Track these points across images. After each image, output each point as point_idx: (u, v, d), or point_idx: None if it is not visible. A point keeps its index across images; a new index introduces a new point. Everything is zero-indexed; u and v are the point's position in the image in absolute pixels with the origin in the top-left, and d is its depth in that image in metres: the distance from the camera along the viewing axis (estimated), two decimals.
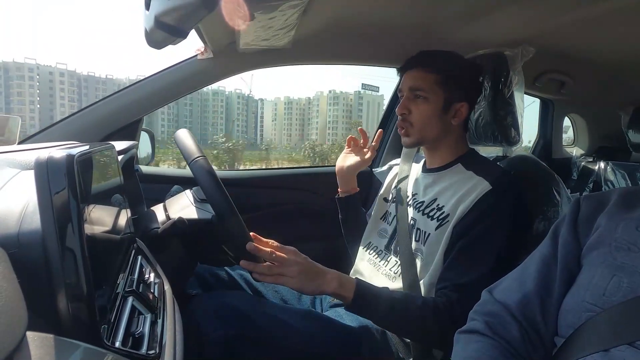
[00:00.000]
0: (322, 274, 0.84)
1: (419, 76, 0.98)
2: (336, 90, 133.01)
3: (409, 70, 1.01)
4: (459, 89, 0.98)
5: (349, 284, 0.85)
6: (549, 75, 1.61)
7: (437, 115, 0.98)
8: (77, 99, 48.73)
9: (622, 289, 0.51)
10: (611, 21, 1.08)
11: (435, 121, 0.98)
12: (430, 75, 0.97)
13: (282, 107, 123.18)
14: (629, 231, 0.55)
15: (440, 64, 0.98)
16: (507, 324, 0.59)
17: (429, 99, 0.97)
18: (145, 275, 0.70)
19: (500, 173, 0.94)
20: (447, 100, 0.97)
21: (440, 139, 1.01)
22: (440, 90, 0.97)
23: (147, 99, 1.25)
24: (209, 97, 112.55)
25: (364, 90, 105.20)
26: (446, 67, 0.98)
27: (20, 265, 0.41)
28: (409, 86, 0.99)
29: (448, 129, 1.00)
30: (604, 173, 1.84)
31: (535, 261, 0.64)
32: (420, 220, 0.98)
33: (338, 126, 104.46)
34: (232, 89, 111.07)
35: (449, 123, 0.99)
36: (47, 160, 0.45)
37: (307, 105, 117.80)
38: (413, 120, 0.99)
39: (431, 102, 0.97)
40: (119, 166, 0.78)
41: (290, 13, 0.91)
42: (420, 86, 0.97)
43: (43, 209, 0.44)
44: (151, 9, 0.61)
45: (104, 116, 1.22)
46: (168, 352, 0.54)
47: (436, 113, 0.98)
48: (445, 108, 0.98)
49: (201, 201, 0.93)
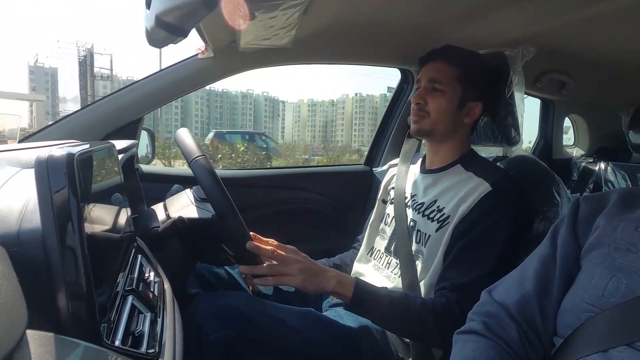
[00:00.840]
0: (322, 272, 0.85)
1: (440, 68, 0.98)
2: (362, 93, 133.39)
3: (431, 62, 1.01)
4: (477, 88, 0.99)
5: (348, 283, 0.85)
6: (549, 76, 1.61)
7: (451, 111, 0.98)
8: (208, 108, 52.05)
9: (621, 290, 0.51)
10: (612, 21, 1.08)
11: (449, 116, 0.98)
12: (452, 69, 0.97)
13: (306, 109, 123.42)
14: (629, 232, 0.55)
15: (464, 60, 0.99)
16: (506, 325, 0.59)
17: (446, 93, 0.97)
18: (145, 274, 0.70)
19: (500, 175, 0.94)
20: (463, 97, 0.98)
21: (449, 135, 1.01)
22: (458, 85, 0.97)
23: (148, 98, 1.25)
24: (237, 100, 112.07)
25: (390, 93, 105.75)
26: (469, 64, 0.98)
27: (20, 263, 0.41)
28: (429, 77, 0.99)
29: (458, 127, 1.00)
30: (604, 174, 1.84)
31: (534, 262, 0.64)
32: (421, 222, 0.98)
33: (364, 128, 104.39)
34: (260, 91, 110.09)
35: (461, 121, 1.00)
36: (48, 159, 0.45)
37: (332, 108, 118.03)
38: (430, 110, 0.98)
39: (448, 96, 0.97)
40: (119, 165, 0.78)
41: (291, 12, 0.91)
42: (440, 78, 0.97)
43: (43, 207, 0.44)
44: (152, 8, 0.61)
45: (105, 115, 1.22)
46: (168, 351, 0.54)
47: (451, 108, 0.98)
48: (460, 105, 0.98)
49: (201, 200, 0.93)
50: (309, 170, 1.93)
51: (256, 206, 1.52)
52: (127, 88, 1.25)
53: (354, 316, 0.98)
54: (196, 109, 56.22)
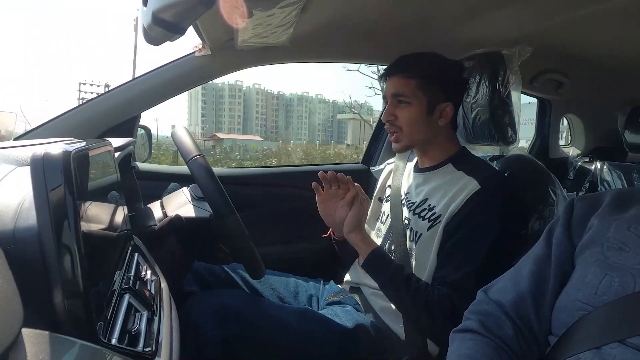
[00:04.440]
0: (363, 223, 0.96)
1: (400, 82, 0.98)
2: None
3: (390, 77, 1.01)
4: (441, 90, 0.98)
5: (372, 245, 0.94)
6: (546, 75, 1.61)
7: (422, 118, 0.98)
8: (265, 112, 53.35)
9: (613, 288, 0.52)
10: (609, 21, 1.08)
11: (422, 124, 0.98)
12: (411, 80, 0.97)
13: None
14: (621, 231, 0.56)
15: (420, 68, 0.98)
16: (502, 323, 0.60)
17: (412, 104, 0.97)
18: (141, 272, 0.69)
19: (490, 173, 0.94)
20: (430, 103, 0.97)
21: (430, 140, 1.02)
22: (422, 94, 0.97)
23: (145, 96, 1.24)
24: (293, 103, 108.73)
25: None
26: (426, 70, 0.98)
27: (16, 261, 0.40)
28: (392, 93, 0.99)
29: (436, 130, 1.00)
30: (600, 173, 1.85)
31: (529, 261, 0.64)
32: (413, 220, 0.99)
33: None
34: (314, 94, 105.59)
35: (436, 124, 0.99)
36: (44, 157, 0.45)
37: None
38: (401, 124, 0.99)
39: (415, 106, 0.97)
40: (115, 163, 0.77)
41: (289, 10, 0.90)
42: (402, 92, 0.98)
43: (39, 205, 0.44)
44: (149, 5, 0.61)
45: (101, 113, 1.21)
46: (164, 350, 0.54)
47: (421, 116, 0.98)
48: (429, 110, 0.98)
49: (198, 199, 0.93)
50: (306, 168, 1.93)
51: (253, 204, 1.51)
52: (124, 85, 1.25)
53: (351, 314, 0.98)
54: (257, 112, 56.55)
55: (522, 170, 1.06)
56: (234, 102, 52.21)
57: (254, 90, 54.16)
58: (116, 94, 1.23)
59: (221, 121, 53.99)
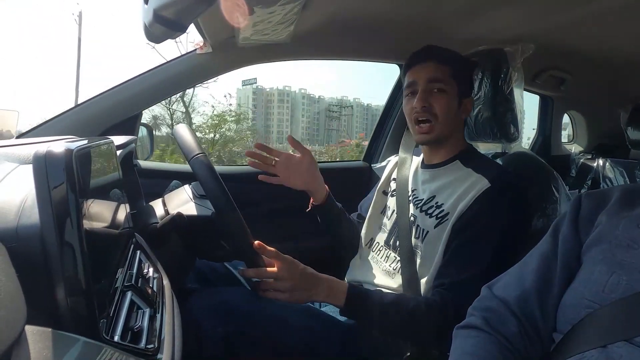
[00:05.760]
0: (315, 283, 0.85)
1: (437, 68, 0.95)
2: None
3: (421, 63, 0.97)
4: (466, 84, 0.99)
5: (340, 292, 0.85)
6: (548, 72, 1.61)
7: (455, 110, 0.96)
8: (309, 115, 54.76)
9: (621, 286, 0.51)
10: (611, 19, 1.08)
11: (454, 116, 0.97)
12: (446, 67, 0.95)
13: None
14: (630, 229, 0.55)
15: (453, 57, 0.98)
16: (506, 320, 0.60)
17: (448, 92, 0.95)
18: (144, 269, 0.70)
19: (500, 171, 0.93)
20: (459, 95, 0.97)
21: (452, 134, 0.99)
22: (455, 83, 0.96)
23: (146, 94, 1.24)
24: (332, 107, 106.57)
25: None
26: (458, 60, 0.98)
27: (19, 259, 0.41)
28: (428, 77, 0.95)
29: (457, 125, 1.00)
30: (603, 170, 1.85)
31: (535, 258, 0.64)
32: (419, 217, 0.97)
33: None
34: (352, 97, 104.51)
35: (460, 118, 0.99)
36: (46, 155, 0.45)
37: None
38: (437, 113, 0.95)
39: (450, 95, 0.95)
40: (117, 161, 0.77)
41: (290, 8, 0.90)
42: (439, 78, 0.94)
43: (41, 203, 0.44)
44: (150, 3, 0.61)
45: (103, 110, 1.21)
46: (167, 347, 0.54)
47: (454, 107, 0.96)
48: (459, 102, 0.97)
49: (200, 197, 0.93)
50: None
51: (255, 202, 1.51)
52: (125, 83, 1.25)
53: None
54: (302, 114, 56.72)
55: (524, 168, 1.06)
56: (283, 106, 52.81)
57: (300, 94, 54.59)
58: (117, 92, 1.23)
59: (269, 125, 54.44)
